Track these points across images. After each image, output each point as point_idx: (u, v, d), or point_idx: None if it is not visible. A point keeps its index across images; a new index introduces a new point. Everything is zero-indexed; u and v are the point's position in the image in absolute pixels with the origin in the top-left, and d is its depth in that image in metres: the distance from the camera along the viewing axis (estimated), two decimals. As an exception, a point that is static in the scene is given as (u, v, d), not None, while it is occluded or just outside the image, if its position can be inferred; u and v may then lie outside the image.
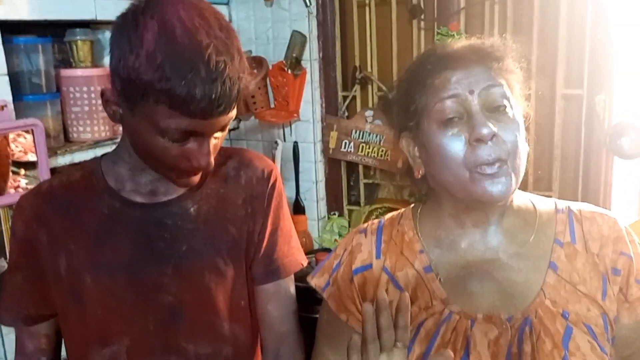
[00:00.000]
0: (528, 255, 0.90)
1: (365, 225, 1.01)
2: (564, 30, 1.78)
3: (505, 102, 0.85)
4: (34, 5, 1.40)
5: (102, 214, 0.97)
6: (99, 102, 1.58)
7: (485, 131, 0.81)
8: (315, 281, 1.00)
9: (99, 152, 1.55)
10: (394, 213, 1.02)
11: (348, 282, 0.96)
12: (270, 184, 1.05)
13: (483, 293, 0.88)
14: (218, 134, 0.90)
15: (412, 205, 1.01)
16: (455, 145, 0.84)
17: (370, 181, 2.29)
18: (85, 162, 1.07)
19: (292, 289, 1.10)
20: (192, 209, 1.00)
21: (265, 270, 1.06)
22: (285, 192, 1.11)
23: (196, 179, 0.94)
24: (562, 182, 1.88)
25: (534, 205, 0.95)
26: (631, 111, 1.77)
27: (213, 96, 0.80)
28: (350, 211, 2.33)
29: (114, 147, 1.62)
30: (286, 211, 1.09)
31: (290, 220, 1.11)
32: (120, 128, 1.63)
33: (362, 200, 2.30)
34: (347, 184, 2.32)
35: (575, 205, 0.95)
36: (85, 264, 0.96)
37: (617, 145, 1.71)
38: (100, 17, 1.51)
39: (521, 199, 0.95)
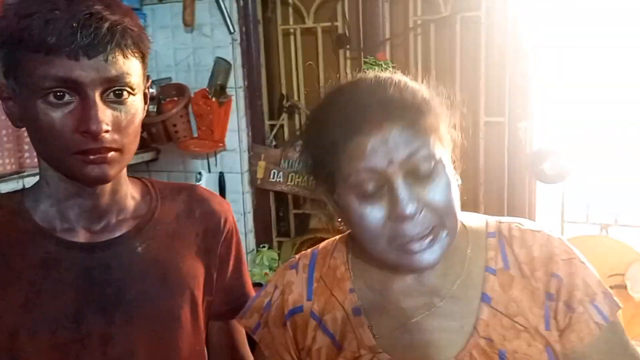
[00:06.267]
0: (461, 294, 0.81)
1: (297, 258, 0.92)
2: (484, 60, 1.84)
3: (432, 162, 0.74)
4: None
5: (36, 260, 0.85)
6: (4, 132, 1.48)
7: (408, 211, 0.71)
8: (245, 322, 0.92)
9: (3, 187, 1.41)
10: (329, 242, 0.92)
11: (281, 327, 0.88)
12: (226, 219, 1.00)
13: (415, 343, 0.81)
14: (118, 107, 0.80)
15: (349, 232, 0.92)
16: (376, 219, 0.74)
17: (301, 211, 2.24)
18: (1, 202, 0.92)
19: None
20: (139, 248, 0.89)
21: (232, 305, 1.00)
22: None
23: (107, 170, 0.81)
24: (487, 205, 1.92)
25: (465, 227, 0.85)
26: (551, 137, 1.84)
27: (74, 26, 0.74)
28: (279, 243, 2.26)
29: (19, 182, 1.53)
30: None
31: None
32: (28, 160, 1.55)
33: (293, 231, 2.25)
34: (275, 214, 2.26)
35: (506, 225, 0.85)
36: (19, 320, 0.82)
37: (539, 171, 1.77)
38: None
39: None
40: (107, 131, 0.78)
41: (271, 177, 2.14)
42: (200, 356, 0.97)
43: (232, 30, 2.01)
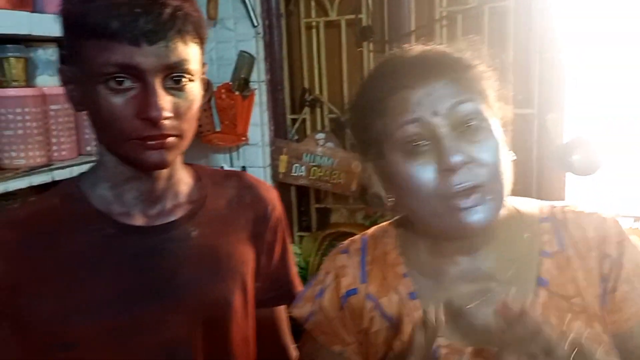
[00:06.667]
0: (518, 278, 0.81)
1: (347, 243, 0.92)
2: (512, 51, 1.82)
3: (479, 117, 0.74)
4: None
5: (93, 243, 0.85)
6: (34, 124, 1.47)
7: (455, 160, 0.71)
8: (298, 312, 0.91)
9: (34, 180, 1.40)
10: (377, 229, 0.93)
11: (338, 309, 0.88)
12: (274, 206, 1.00)
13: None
14: (178, 93, 0.80)
15: (397, 218, 0.93)
16: (424, 175, 0.74)
17: (322, 205, 2.23)
18: (58, 186, 0.93)
19: None
20: (193, 233, 0.89)
21: (277, 292, 1.01)
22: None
23: (165, 155, 0.81)
24: (514, 200, 1.90)
25: (519, 212, 0.85)
26: (581, 128, 1.81)
27: (136, 12, 0.74)
28: (301, 237, 2.25)
29: (49, 174, 1.53)
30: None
31: None
32: (56, 154, 1.54)
33: (314, 225, 2.24)
34: (297, 209, 2.25)
35: (559, 209, 0.85)
36: (77, 304, 0.82)
37: (569, 163, 1.74)
38: (36, 33, 1.38)
39: (506, 207, 0.83)
40: (167, 118, 0.78)
41: (293, 171, 2.13)
42: (249, 342, 0.97)
43: (255, 24, 2.00)
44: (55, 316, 0.82)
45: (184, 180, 0.93)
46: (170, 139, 0.80)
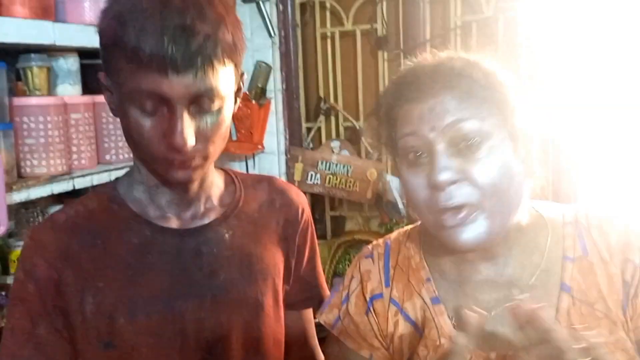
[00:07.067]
0: (541, 285, 0.80)
1: (371, 248, 0.93)
2: (526, 57, 1.82)
3: (482, 135, 0.73)
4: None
5: (133, 244, 0.87)
6: (56, 133, 1.51)
7: (441, 178, 0.71)
8: (325, 317, 0.92)
9: (55, 188, 1.43)
10: (400, 233, 0.93)
11: (364, 314, 0.88)
12: (303, 210, 1.02)
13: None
14: (205, 117, 0.79)
15: (420, 222, 0.92)
16: (419, 187, 0.75)
17: (337, 213, 2.24)
18: (97, 189, 0.97)
19: None
20: (227, 235, 0.92)
21: (305, 295, 1.03)
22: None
23: (191, 174, 0.82)
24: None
25: (542, 217, 0.84)
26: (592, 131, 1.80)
27: (166, 42, 0.73)
28: (316, 245, 2.26)
29: (70, 182, 1.56)
30: None
31: None
32: (75, 162, 1.57)
33: (329, 233, 2.25)
34: (312, 217, 2.26)
35: (583, 213, 0.84)
36: (117, 302, 0.85)
37: (578, 166, 1.74)
38: (59, 43, 1.41)
39: (529, 212, 0.83)
40: (192, 145, 0.78)
41: (308, 179, 2.15)
42: (280, 344, 0.98)
43: (272, 34, 2.03)
44: (97, 315, 0.85)
45: (217, 184, 0.95)
46: (196, 161, 0.81)
